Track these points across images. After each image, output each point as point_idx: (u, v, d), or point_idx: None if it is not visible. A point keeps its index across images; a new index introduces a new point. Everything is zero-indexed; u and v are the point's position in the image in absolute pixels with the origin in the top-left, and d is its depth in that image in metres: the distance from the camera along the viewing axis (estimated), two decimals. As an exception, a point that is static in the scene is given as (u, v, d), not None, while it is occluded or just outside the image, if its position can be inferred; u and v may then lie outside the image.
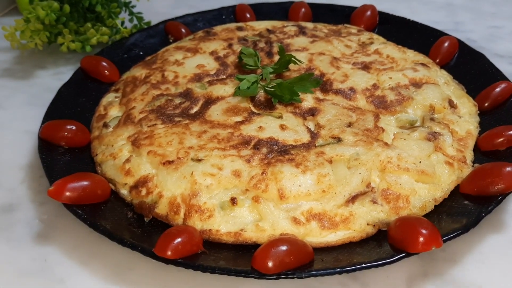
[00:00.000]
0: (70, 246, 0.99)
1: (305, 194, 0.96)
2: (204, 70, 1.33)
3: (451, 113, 1.18)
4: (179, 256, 0.86)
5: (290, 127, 1.11)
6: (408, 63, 1.33)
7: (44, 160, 1.08)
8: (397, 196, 0.97)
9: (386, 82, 1.24)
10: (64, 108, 1.25)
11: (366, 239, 0.94)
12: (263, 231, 0.93)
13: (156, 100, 1.22)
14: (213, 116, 1.15)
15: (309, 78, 1.20)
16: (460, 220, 0.93)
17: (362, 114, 1.14)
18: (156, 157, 1.04)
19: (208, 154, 1.03)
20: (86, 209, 0.97)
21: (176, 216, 0.97)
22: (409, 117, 1.15)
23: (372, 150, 1.03)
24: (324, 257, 0.90)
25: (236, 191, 0.98)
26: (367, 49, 1.40)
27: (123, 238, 0.91)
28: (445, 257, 0.95)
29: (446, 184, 1.02)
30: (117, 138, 1.13)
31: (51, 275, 0.94)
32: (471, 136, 1.13)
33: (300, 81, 1.19)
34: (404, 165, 1.00)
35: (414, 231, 0.86)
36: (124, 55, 1.48)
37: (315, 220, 0.94)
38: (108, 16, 1.58)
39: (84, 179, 1.01)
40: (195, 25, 1.62)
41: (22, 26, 1.47)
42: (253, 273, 0.84)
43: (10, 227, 1.04)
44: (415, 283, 0.90)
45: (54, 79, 1.50)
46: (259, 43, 1.44)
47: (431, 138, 1.08)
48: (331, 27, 1.55)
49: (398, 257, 0.86)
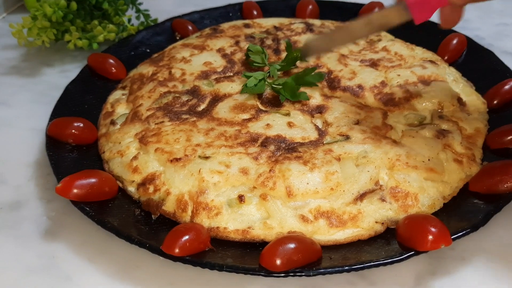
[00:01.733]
0: (77, 243, 0.99)
1: (313, 192, 0.95)
2: (211, 68, 1.32)
3: (460, 111, 1.17)
4: (186, 253, 0.86)
5: (298, 125, 1.10)
6: (416, 60, 1.33)
7: (52, 158, 1.08)
8: (406, 194, 0.97)
9: (394, 80, 1.23)
10: (71, 105, 1.25)
11: (374, 237, 0.94)
12: (271, 228, 0.93)
13: (163, 97, 1.22)
14: (220, 113, 1.15)
15: (312, 73, 1.19)
16: (469, 218, 0.92)
17: (370, 112, 1.13)
18: (163, 155, 1.04)
19: (215, 152, 1.03)
20: (94, 206, 0.98)
21: (183, 213, 0.97)
22: (417, 114, 1.15)
23: (380, 147, 1.02)
24: (332, 255, 0.89)
25: (243, 189, 0.97)
26: (375, 46, 1.40)
27: (131, 235, 0.91)
28: (454, 256, 0.94)
29: (455, 182, 1.01)
30: (125, 135, 1.13)
31: (58, 272, 0.94)
32: (480, 133, 1.12)
33: (304, 76, 1.18)
34: (412, 163, 0.99)
35: (423, 229, 0.86)
36: (131, 52, 1.48)
37: (323, 218, 0.94)
38: (115, 13, 1.58)
39: (91, 176, 1.01)
40: (201, 23, 1.62)
41: (29, 23, 1.47)
42: (261, 270, 0.84)
43: (17, 224, 1.04)
44: (423, 282, 0.90)
45: (61, 77, 1.50)
46: (266, 40, 1.43)
47: (439, 135, 1.07)
48: (338, 24, 1.54)
49: (407, 255, 0.85)
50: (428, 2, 0.93)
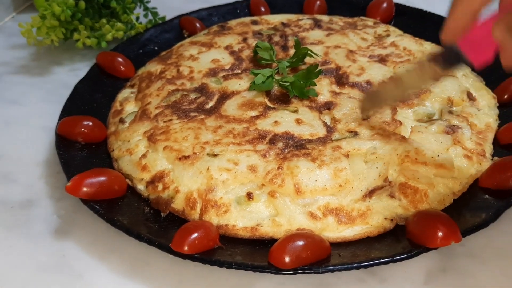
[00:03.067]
0: (87, 241, 1.00)
1: (322, 189, 0.95)
2: (219, 65, 1.32)
3: (469, 106, 1.16)
4: (195, 251, 0.86)
5: (306, 121, 1.10)
6: (425, 55, 1.31)
7: (62, 156, 1.09)
8: (415, 190, 0.96)
9: (403, 75, 1.22)
10: (81, 104, 1.26)
11: (383, 234, 0.93)
12: (280, 226, 0.93)
13: (171, 95, 1.23)
14: (229, 111, 1.15)
15: (315, 70, 1.18)
16: (479, 215, 0.91)
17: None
18: (172, 152, 1.04)
19: (224, 149, 1.03)
20: (103, 204, 0.98)
21: (192, 211, 0.97)
22: (427, 110, 1.14)
23: (389, 144, 1.01)
24: (341, 252, 0.89)
25: (252, 186, 0.98)
26: (384, 42, 1.39)
27: (140, 233, 0.91)
28: (464, 252, 0.93)
29: (465, 178, 1.00)
30: (133, 133, 1.14)
31: (69, 270, 0.95)
32: (490, 129, 1.11)
33: (308, 74, 1.18)
34: (422, 159, 0.98)
35: (433, 226, 0.85)
36: (139, 50, 1.48)
37: (332, 215, 0.94)
38: (123, 11, 1.58)
39: (101, 174, 1.01)
40: (209, 20, 1.61)
41: (38, 22, 1.48)
42: (269, 268, 0.84)
43: (28, 223, 1.05)
44: (433, 279, 0.89)
45: (70, 75, 1.51)
46: (274, 37, 1.43)
47: (449, 131, 1.06)
48: (346, 19, 1.54)
49: (416, 252, 0.85)
50: (485, 38, 0.76)
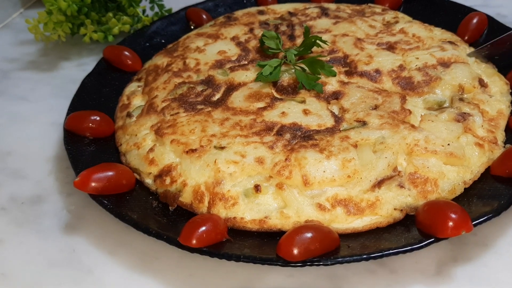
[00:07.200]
0: (97, 236, 1.00)
1: (330, 180, 0.94)
2: (226, 56, 1.31)
3: (481, 93, 1.13)
4: (204, 244, 0.86)
5: (314, 112, 1.09)
6: (435, 41, 1.29)
7: (70, 152, 1.09)
8: (425, 180, 0.95)
9: (413, 63, 1.20)
10: (88, 99, 1.26)
11: (393, 224, 0.92)
12: (288, 218, 0.92)
13: (178, 88, 1.22)
14: (235, 102, 1.14)
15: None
16: (491, 203, 0.90)
17: (388, 96, 1.11)
18: (179, 146, 1.04)
19: (231, 142, 1.02)
20: (112, 199, 0.98)
21: (200, 204, 0.97)
22: (437, 98, 1.12)
23: (398, 133, 1.00)
24: (350, 243, 0.88)
25: (259, 178, 0.97)
26: (392, 29, 1.36)
27: (149, 227, 0.91)
28: (476, 242, 0.92)
29: (476, 166, 0.98)
30: (141, 127, 1.14)
31: (79, 265, 0.95)
32: (502, 115, 1.09)
33: (311, 63, 1.17)
34: (431, 148, 0.97)
35: (443, 215, 0.84)
36: (146, 43, 1.48)
37: (341, 206, 0.93)
38: (129, 5, 1.58)
39: (109, 169, 1.01)
40: (216, 11, 1.60)
41: (45, 18, 1.48)
42: (278, 260, 0.83)
43: (38, 218, 1.06)
44: (445, 268, 0.88)
45: (78, 70, 1.51)
46: (280, 27, 1.41)
47: (460, 119, 1.04)
48: (354, 7, 1.51)
49: (427, 242, 0.84)
50: None
